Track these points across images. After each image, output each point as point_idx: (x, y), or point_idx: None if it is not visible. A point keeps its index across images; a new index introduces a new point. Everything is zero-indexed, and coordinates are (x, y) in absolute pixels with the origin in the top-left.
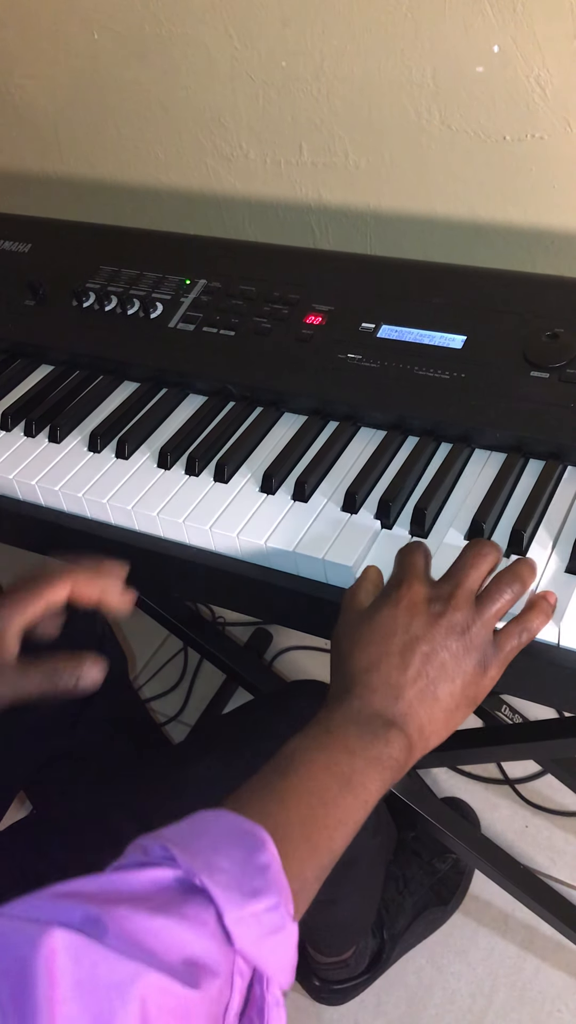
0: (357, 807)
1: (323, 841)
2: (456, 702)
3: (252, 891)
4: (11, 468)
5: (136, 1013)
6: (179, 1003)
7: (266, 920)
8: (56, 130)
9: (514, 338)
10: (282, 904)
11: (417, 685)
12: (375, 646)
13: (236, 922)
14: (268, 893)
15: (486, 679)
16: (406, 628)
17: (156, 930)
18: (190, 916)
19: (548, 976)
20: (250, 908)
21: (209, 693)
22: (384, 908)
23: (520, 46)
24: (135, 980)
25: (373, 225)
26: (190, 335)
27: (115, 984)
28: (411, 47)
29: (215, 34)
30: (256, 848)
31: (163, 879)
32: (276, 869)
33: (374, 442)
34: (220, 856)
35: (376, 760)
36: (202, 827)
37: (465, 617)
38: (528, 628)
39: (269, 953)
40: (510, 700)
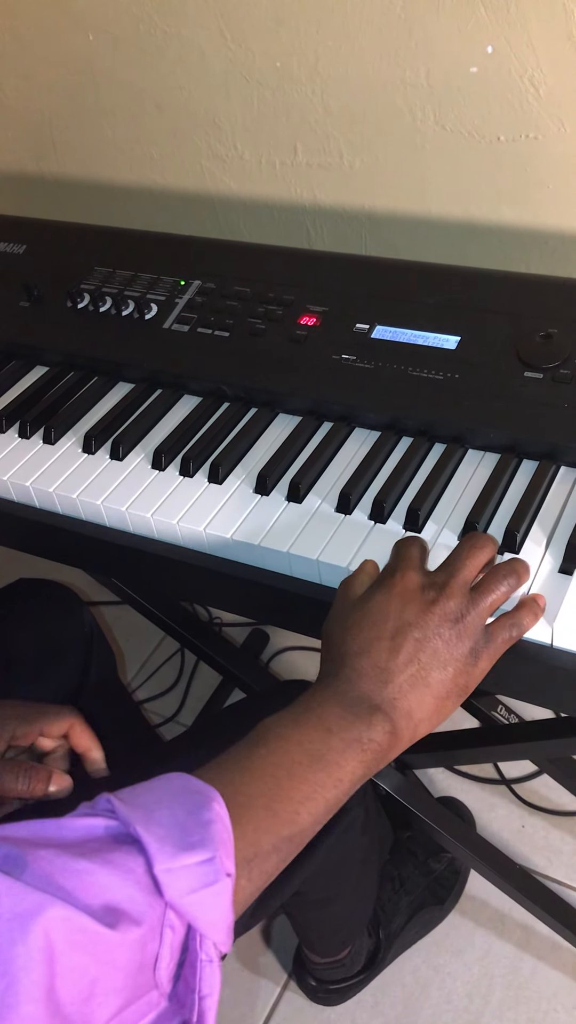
0: (329, 785)
1: (286, 813)
2: (447, 689)
3: (188, 844)
4: (6, 470)
5: (38, 946)
6: (92, 940)
7: (198, 872)
8: (51, 131)
9: (508, 339)
10: (218, 859)
11: (408, 670)
12: (366, 631)
13: (166, 872)
14: (204, 847)
15: (477, 669)
16: (399, 614)
17: (77, 872)
18: (116, 863)
19: (545, 976)
20: (182, 860)
21: (206, 694)
22: (380, 908)
23: (514, 47)
24: (39, 911)
25: (368, 225)
26: (185, 336)
27: (17, 915)
28: (405, 48)
29: (209, 35)
30: (201, 806)
31: (96, 827)
32: (219, 827)
33: (368, 443)
34: (162, 810)
35: (355, 741)
36: (155, 785)
37: (459, 605)
38: (519, 623)
39: (201, 907)
40: (506, 701)
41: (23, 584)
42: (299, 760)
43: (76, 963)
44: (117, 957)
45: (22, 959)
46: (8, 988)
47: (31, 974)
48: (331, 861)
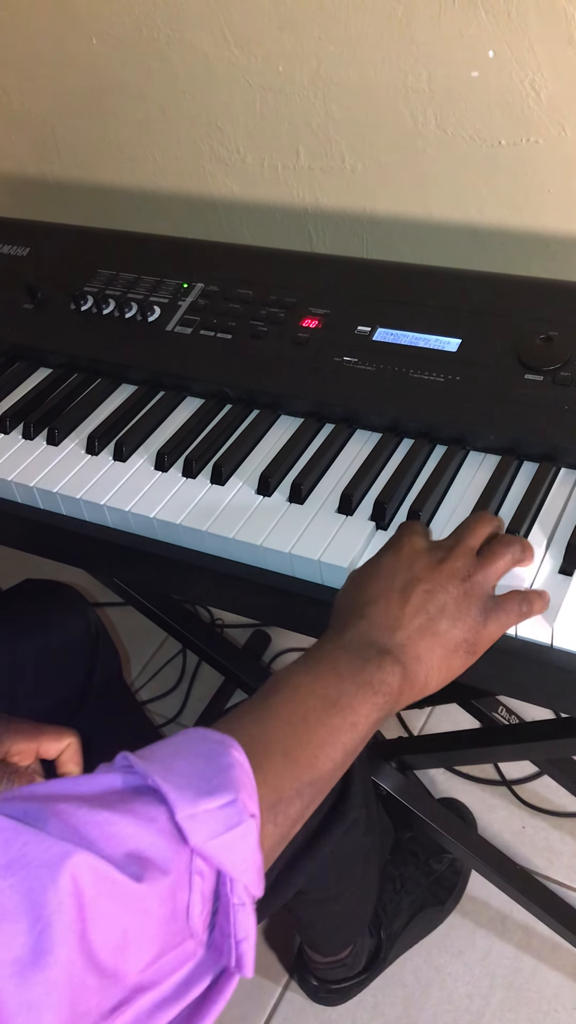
0: (345, 728)
1: (304, 758)
2: (455, 643)
3: (208, 789)
4: (9, 470)
5: (68, 891)
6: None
7: (221, 816)
8: (55, 134)
9: (508, 341)
10: (240, 800)
11: (417, 620)
12: (375, 583)
13: (188, 819)
14: (225, 790)
15: (486, 631)
16: (408, 569)
17: (98, 822)
18: (137, 812)
19: (545, 976)
20: (204, 805)
21: (207, 696)
22: (381, 908)
23: (515, 51)
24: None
25: (369, 229)
26: (187, 338)
27: (45, 862)
28: (407, 52)
29: (212, 39)
30: (219, 753)
31: (114, 781)
32: (239, 771)
33: (370, 444)
34: (180, 761)
35: (367, 684)
36: (172, 740)
37: (466, 565)
38: (529, 601)
39: (228, 850)
40: (506, 702)
41: (29, 585)
42: (313, 706)
43: (106, 910)
44: (148, 906)
45: (53, 904)
46: (42, 932)
47: (63, 918)
48: (334, 860)
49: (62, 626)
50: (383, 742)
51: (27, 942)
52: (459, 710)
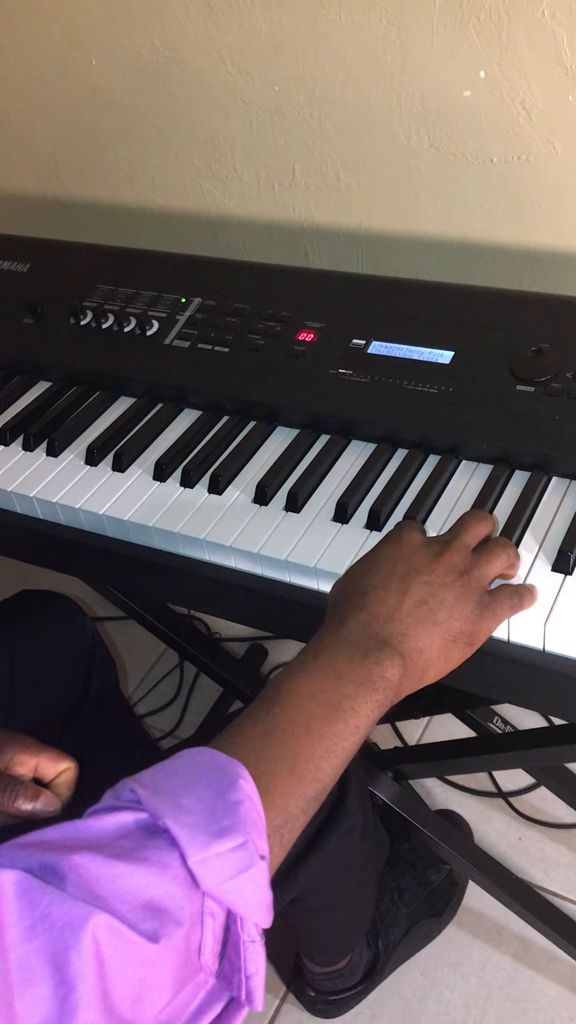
0: (347, 733)
1: (309, 771)
2: (454, 633)
3: (219, 831)
4: (9, 481)
5: (90, 952)
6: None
7: (232, 859)
8: (54, 153)
9: (501, 353)
10: (250, 841)
11: (417, 612)
12: (374, 574)
13: (200, 864)
14: (236, 831)
15: (483, 623)
16: (407, 560)
17: (115, 877)
18: (152, 860)
19: (542, 988)
20: (215, 848)
21: (204, 709)
22: (379, 919)
23: (505, 71)
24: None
25: (364, 245)
26: (185, 352)
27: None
28: (400, 73)
29: (210, 60)
30: (229, 785)
31: (126, 823)
32: (248, 806)
33: (364, 454)
34: (188, 796)
35: (366, 682)
36: (178, 765)
37: (463, 560)
38: (520, 594)
39: (239, 892)
40: (501, 712)
41: (26, 596)
42: (315, 713)
43: (125, 969)
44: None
45: (76, 966)
46: (68, 995)
47: (87, 980)
48: (330, 867)
49: (59, 637)
50: (379, 752)
51: (53, 1005)
52: (455, 721)
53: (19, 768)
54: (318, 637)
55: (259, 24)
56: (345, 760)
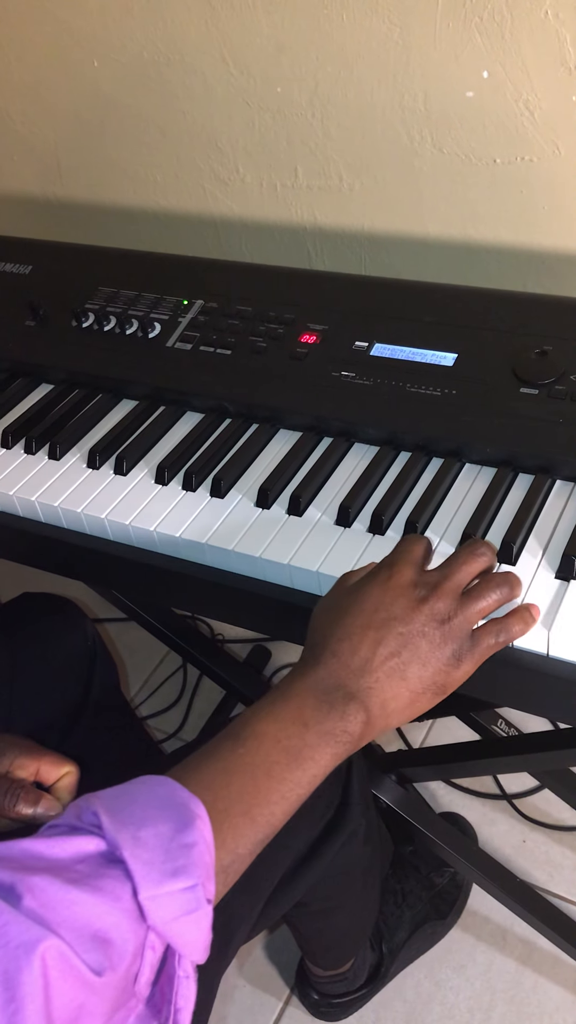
0: (304, 782)
1: (263, 816)
2: (424, 686)
3: (173, 870)
4: (11, 485)
5: (39, 973)
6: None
7: (181, 900)
8: (57, 155)
9: (504, 356)
10: (200, 885)
11: (388, 664)
12: (352, 617)
13: (150, 899)
14: (188, 873)
15: (458, 671)
16: (388, 607)
17: (69, 903)
18: (105, 890)
19: (546, 991)
20: (167, 887)
21: (207, 711)
22: (382, 922)
23: (509, 72)
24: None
25: (367, 246)
26: (187, 354)
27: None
28: (403, 73)
29: (212, 61)
30: (186, 824)
31: (86, 850)
32: (202, 848)
33: (367, 457)
34: (147, 829)
35: (329, 734)
36: (139, 793)
37: (447, 607)
38: (507, 630)
39: (182, 932)
40: (505, 715)
41: (27, 599)
42: (277, 759)
43: (67, 991)
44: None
45: (27, 986)
46: (16, 1012)
47: (34, 1001)
48: (333, 871)
49: (60, 640)
50: (383, 755)
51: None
52: (459, 724)
53: (20, 772)
54: (290, 677)
55: (261, 25)
56: (295, 807)
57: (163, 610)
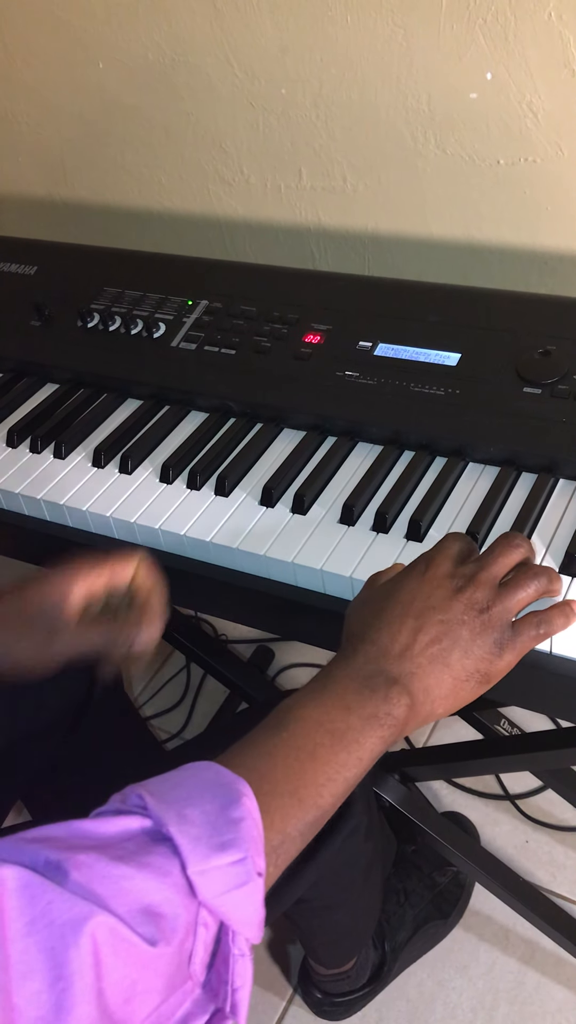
0: (350, 764)
1: (310, 796)
2: (467, 673)
3: (220, 844)
4: (17, 483)
5: (88, 950)
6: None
7: (231, 873)
8: (62, 156)
9: (507, 355)
10: (249, 858)
11: (429, 651)
12: (391, 609)
13: (199, 874)
14: (236, 847)
15: (501, 661)
16: (426, 597)
17: (116, 877)
18: (153, 865)
19: (549, 991)
20: (215, 861)
21: (211, 711)
22: (385, 921)
23: (512, 73)
24: (87, 919)
25: (371, 247)
26: (192, 354)
27: (68, 921)
28: (407, 75)
29: (216, 63)
30: (232, 801)
31: (131, 828)
32: (249, 824)
33: (371, 456)
34: (193, 807)
35: (373, 717)
36: (184, 777)
37: (485, 596)
38: (548, 622)
39: (234, 906)
40: (508, 714)
41: None
42: (321, 741)
43: (119, 967)
44: (157, 965)
45: (75, 963)
46: (65, 991)
47: (84, 977)
48: (334, 867)
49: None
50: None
51: (50, 999)
52: (462, 723)
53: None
54: (330, 667)
55: (265, 26)
56: (346, 790)
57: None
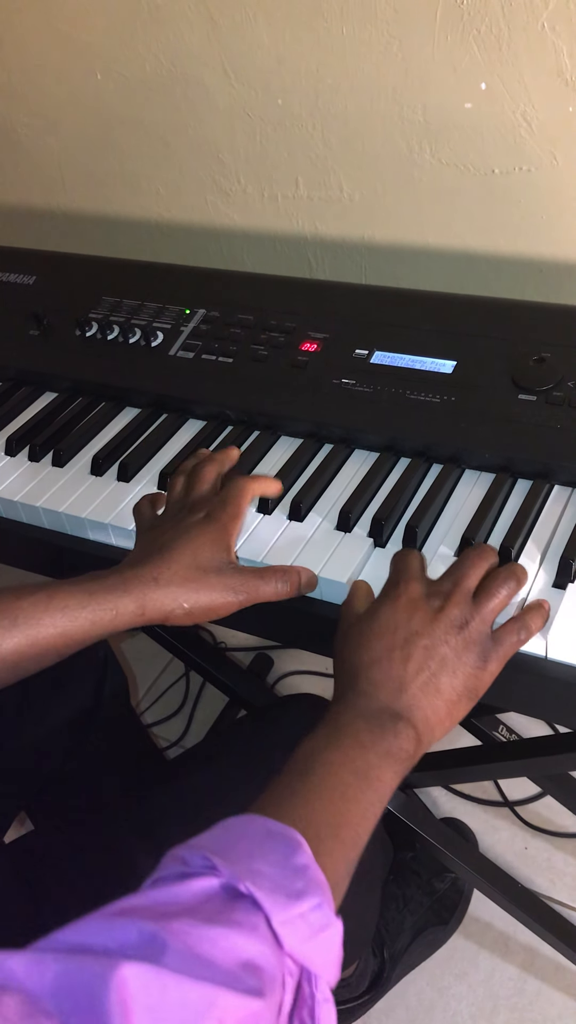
0: (376, 801)
1: (350, 836)
2: (458, 694)
3: (296, 892)
4: (16, 491)
5: None
6: (250, 1012)
7: (312, 919)
8: (60, 167)
9: (503, 363)
10: (325, 903)
11: (420, 678)
12: (376, 641)
13: (283, 924)
14: (311, 893)
15: (486, 673)
16: (406, 624)
17: (213, 939)
18: (241, 922)
19: (549, 998)
20: (296, 909)
21: (210, 719)
22: (384, 927)
23: (506, 83)
24: (210, 1005)
25: (367, 255)
26: (189, 362)
27: (188, 1007)
28: (402, 85)
29: (213, 73)
30: (292, 849)
31: (210, 888)
32: (314, 868)
33: (367, 463)
34: (259, 860)
35: (388, 753)
36: (236, 833)
37: (463, 612)
38: (527, 627)
39: (316, 952)
40: (506, 721)
41: None
42: (348, 781)
43: None
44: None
45: None
46: None
47: None
48: None
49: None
50: None
51: None
52: (460, 730)
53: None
54: (334, 710)
55: (262, 38)
56: (372, 827)
57: None
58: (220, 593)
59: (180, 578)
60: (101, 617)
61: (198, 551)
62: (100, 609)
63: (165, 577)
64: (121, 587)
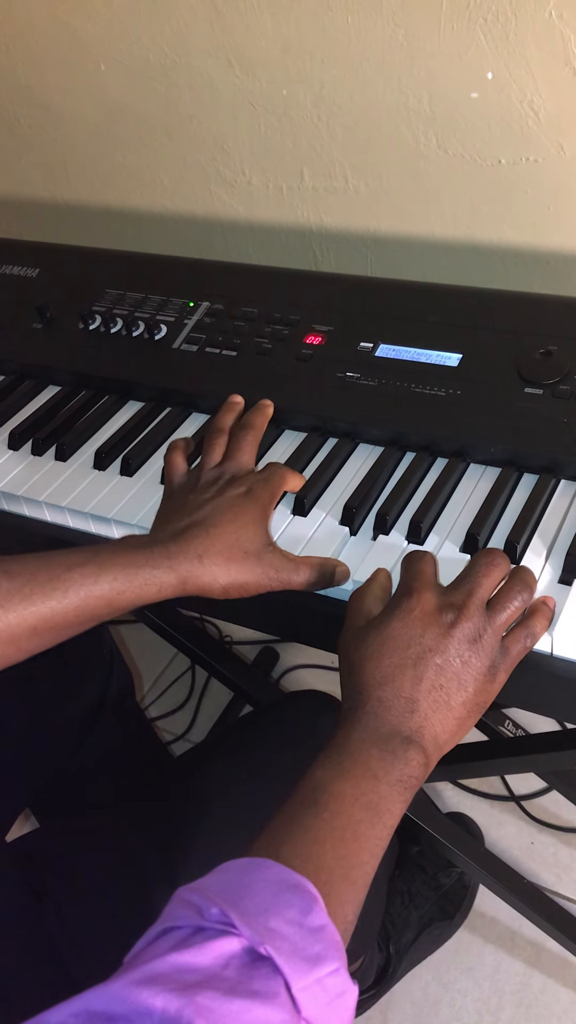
0: (385, 834)
1: (360, 877)
2: (468, 710)
3: (314, 957)
4: (19, 485)
5: None
6: None
7: (330, 985)
8: (64, 158)
9: (508, 356)
10: (342, 967)
11: (431, 697)
12: (387, 658)
13: (302, 991)
14: (329, 959)
15: (495, 684)
16: (419, 639)
17: (237, 1014)
18: (262, 992)
19: (555, 993)
20: (314, 975)
21: (216, 713)
22: (390, 922)
23: (513, 72)
24: None
25: (372, 247)
26: (193, 355)
27: None
28: (408, 75)
29: (218, 64)
30: (309, 905)
31: (228, 952)
32: (331, 929)
33: (372, 458)
34: (275, 918)
35: (399, 782)
36: (249, 879)
37: (477, 626)
38: (533, 633)
39: (332, 1017)
40: (512, 716)
41: None
42: (359, 817)
43: None
44: None
45: None
46: None
47: None
48: None
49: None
50: None
51: None
52: None
53: None
54: (345, 731)
55: (266, 27)
56: (379, 860)
57: (171, 611)
58: (256, 576)
59: (224, 558)
60: (146, 592)
61: (241, 530)
62: (146, 584)
63: (210, 556)
64: (167, 563)
